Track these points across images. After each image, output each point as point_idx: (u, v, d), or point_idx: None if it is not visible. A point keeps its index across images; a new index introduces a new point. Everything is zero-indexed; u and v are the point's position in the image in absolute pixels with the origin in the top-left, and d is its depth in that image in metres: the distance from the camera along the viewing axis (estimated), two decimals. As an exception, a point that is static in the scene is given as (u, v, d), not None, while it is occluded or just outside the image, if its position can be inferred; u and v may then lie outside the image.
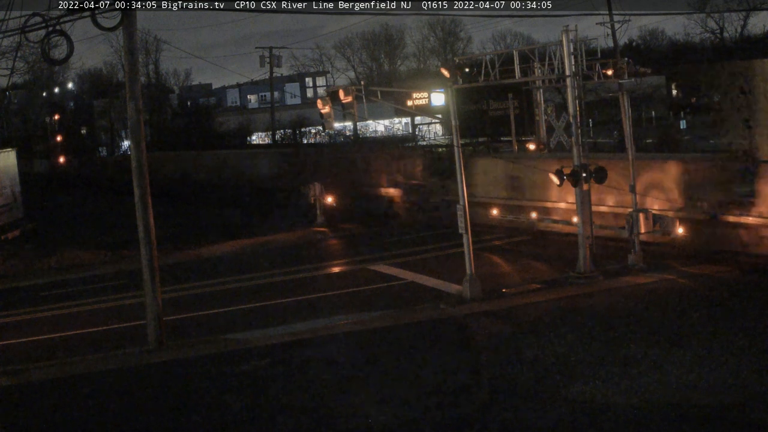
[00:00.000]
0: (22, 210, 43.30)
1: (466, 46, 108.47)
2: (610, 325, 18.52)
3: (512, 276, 24.96)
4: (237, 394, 16.05)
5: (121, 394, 16.83)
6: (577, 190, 23.32)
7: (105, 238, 37.92)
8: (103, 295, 26.69)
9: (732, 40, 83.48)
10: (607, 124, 54.18)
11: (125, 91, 19.96)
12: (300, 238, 35.49)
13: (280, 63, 71.86)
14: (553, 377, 15.42)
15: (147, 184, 19.67)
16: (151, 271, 19.65)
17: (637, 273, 23.30)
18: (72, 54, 19.15)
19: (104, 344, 20.67)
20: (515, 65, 24.58)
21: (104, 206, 53.26)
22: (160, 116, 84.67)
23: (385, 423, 14.06)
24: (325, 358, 18.02)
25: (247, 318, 22.42)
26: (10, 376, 18.23)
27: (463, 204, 22.27)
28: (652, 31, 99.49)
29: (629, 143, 24.71)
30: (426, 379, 16.07)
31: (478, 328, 19.51)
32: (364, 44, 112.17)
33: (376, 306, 22.56)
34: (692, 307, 19.57)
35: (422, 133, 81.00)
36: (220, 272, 29.23)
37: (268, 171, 51.41)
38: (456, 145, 22.76)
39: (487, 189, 33.16)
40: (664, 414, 13.43)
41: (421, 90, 62.13)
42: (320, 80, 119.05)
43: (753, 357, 15.64)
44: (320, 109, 24.28)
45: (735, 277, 22.41)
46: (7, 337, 22.30)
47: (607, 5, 50.96)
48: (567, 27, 23.06)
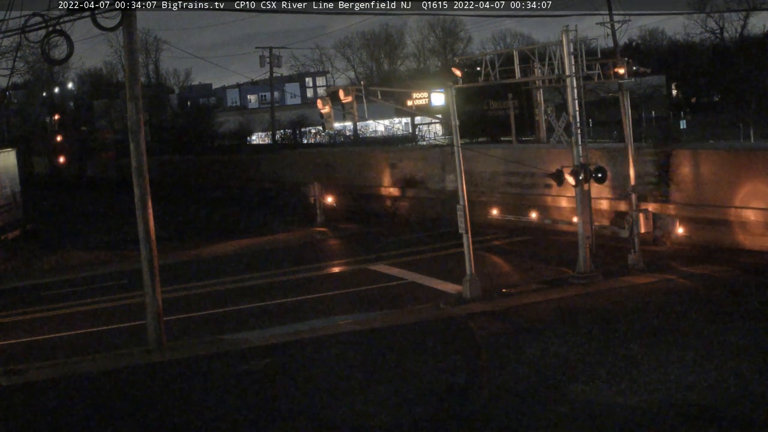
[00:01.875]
0: (22, 210, 43.28)
1: (466, 46, 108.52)
2: (610, 325, 18.53)
3: (512, 276, 24.97)
4: (237, 394, 16.05)
5: (121, 394, 16.84)
6: (577, 190, 23.32)
7: (105, 238, 37.93)
8: (103, 295, 26.68)
9: (732, 40, 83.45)
10: (607, 124, 54.21)
11: (125, 91, 19.96)
12: (300, 238, 35.50)
13: (280, 63, 71.76)
14: (553, 377, 15.43)
15: (147, 184, 19.66)
16: (151, 271, 19.65)
17: (637, 273, 23.30)
18: (72, 54, 19.17)
19: (104, 344, 20.66)
20: (515, 65, 24.57)
21: (104, 206, 53.26)
22: (160, 116, 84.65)
23: (385, 423, 14.06)
24: (325, 358, 18.02)
25: (247, 318, 22.41)
26: (10, 376, 18.22)
27: (463, 204, 22.27)
28: (652, 31, 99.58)
29: (629, 143, 24.72)
30: (426, 379, 16.07)
31: (478, 328, 19.51)
32: (364, 44, 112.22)
33: (376, 306, 22.56)
34: (692, 307, 19.57)
35: (422, 133, 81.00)
36: (220, 272, 29.22)
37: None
38: (456, 145, 22.76)
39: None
40: (664, 414, 13.44)
41: (421, 90, 62.06)
42: (320, 80, 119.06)
43: (753, 357, 15.65)
44: (320, 109, 24.25)
45: (735, 277, 22.41)
46: (7, 337, 22.29)
47: (607, 5, 50.84)
48: (567, 27, 23.06)
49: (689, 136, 47.47)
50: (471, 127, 50.34)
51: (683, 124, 57.92)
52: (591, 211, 23.78)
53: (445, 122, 39.14)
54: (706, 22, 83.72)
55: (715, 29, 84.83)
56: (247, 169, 54.08)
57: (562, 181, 23.44)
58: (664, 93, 79.40)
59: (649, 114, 63.01)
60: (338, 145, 65.21)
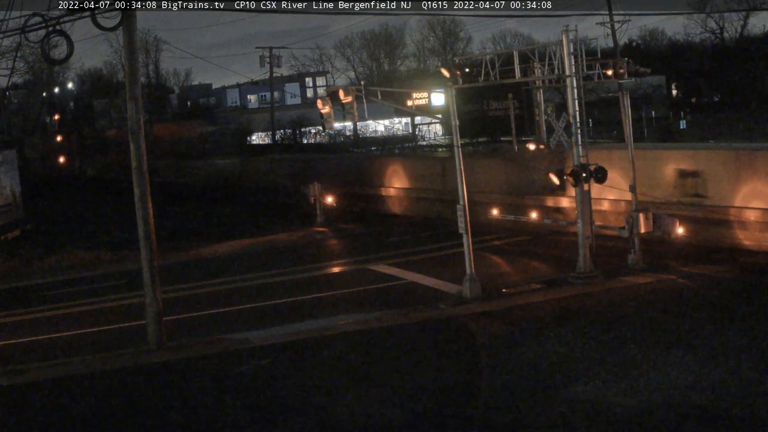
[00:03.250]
0: (22, 210, 43.30)
1: (466, 46, 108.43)
2: (609, 325, 18.52)
3: (512, 276, 24.96)
4: (237, 394, 16.06)
5: (121, 394, 16.83)
6: (577, 190, 23.32)
7: (105, 238, 37.92)
8: (103, 295, 26.68)
9: (732, 40, 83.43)
10: (607, 124, 54.19)
11: (125, 91, 19.96)
12: (300, 238, 35.50)
13: (280, 63, 71.78)
14: (553, 377, 15.42)
15: (147, 184, 19.66)
16: (151, 271, 19.65)
17: (637, 273, 23.30)
18: (72, 54, 19.19)
19: (104, 344, 20.65)
20: (515, 65, 24.55)
21: (104, 206, 53.24)
22: (160, 116, 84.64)
23: (385, 423, 14.06)
24: (325, 358, 18.02)
25: (247, 318, 22.41)
26: (10, 376, 18.23)
27: (463, 204, 22.27)
28: (652, 31, 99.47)
29: (629, 143, 24.71)
30: (426, 379, 16.07)
31: (477, 328, 19.52)
32: (364, 44, 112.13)
33: (376, 306, 22.55)
34: (692, 307, 19.57)
35: (422, 133, 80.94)
36: (220, 272, 29.22)
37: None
38: (456, 145, 22.75)
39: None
40: (663, 414, 13.43)
41: (421, 90, 61.97)
42: (320, 80, 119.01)
43: (753, 357, 15.64)
44: (320, 109, 24.25)
45: (735, 277, 22.42)
46: (7, 337, 22.29)
47: (607, 5, 50.89)
48: (567, 27, 23.05)
49: (689, 136, 47.53)
50: (471, 127, 50.26)
51: (683, 124, 57.90)
52: (591, 211, 23.78)
53: (445, 122, 39.11)
54: (706, 22, 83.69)
55: (715, 29, 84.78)
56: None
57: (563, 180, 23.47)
58: (664, 93, 79.38)
59: (649, 114, 63.00)
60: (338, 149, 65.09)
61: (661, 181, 27.33)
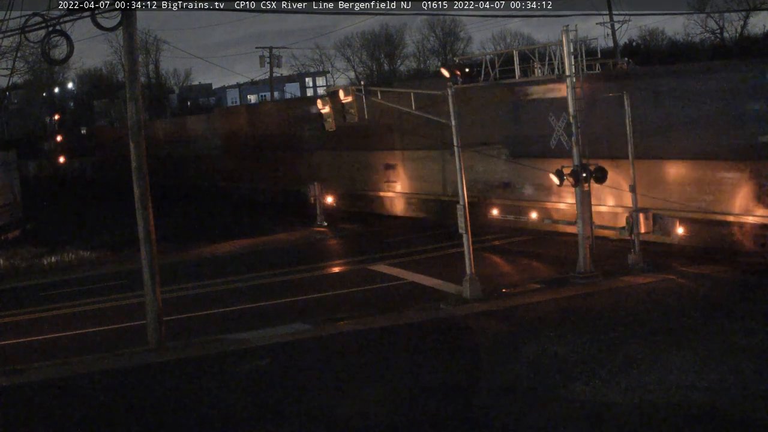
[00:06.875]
0: (22, 210, 43.33)
1: (466, 46, 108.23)
2: (610, 324, 18.52)
3: (512, 276, 24.96)
4: (237, 394, 16.05)
5: (121, 394, 16.82)
6: (577, 190, 23.33)
7: (105, 238, 37.91)
8: (103, 295, 26.69)
9: (732, 40, 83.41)
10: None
11: (125, 91, 19.96)
12: (300, 238, 35.50)
13: (280, 63, 71.73)
14: (553, 377, 15.42)
15: (147, 184, 19.65)
16: (151, 271, 19.65)
17: (637, 273, 23.31)
18: (72, 54, 19.19)
19: (104, 344, 20.66)
20: (515, 65, 24.59)
21: (104, 206, 53.22)
22: (160, 116, 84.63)
23: (385, 423, 14.06)
24: (324, 358, 18.02)
25: (247, 318, 22.41)
26: (10, 376, 18.22)
27: (463, 204, 22.27)
28: (652, 31, 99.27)
29: (630, 143, 24.70)
30: (426, 378, 16.06)
31: (478, 328, 19.52)
32: (364, 44, 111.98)
33: (376, 306, 22.54)
34: (692, 307, 19.57)
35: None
36: (220, 272, 29.22)
37: None
38: (456, 144, 22.76)
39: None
40: (664, 414, 13.43)
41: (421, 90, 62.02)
42: (320, 80, 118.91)
43: (753, 357, 15.64)
44: (320, 109, 24.25)
45: (735, 277, 22.42)
46: (7, 337, 22.29)
47: (607, 5, 51.00)
48: (567, 27, 23.07)
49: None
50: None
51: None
52: (591, 211, 23.79)
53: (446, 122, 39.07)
54: (706, 22, 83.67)
55: (715, 29, 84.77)
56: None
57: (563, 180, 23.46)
58: (664, 93, 79.17)
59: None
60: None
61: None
